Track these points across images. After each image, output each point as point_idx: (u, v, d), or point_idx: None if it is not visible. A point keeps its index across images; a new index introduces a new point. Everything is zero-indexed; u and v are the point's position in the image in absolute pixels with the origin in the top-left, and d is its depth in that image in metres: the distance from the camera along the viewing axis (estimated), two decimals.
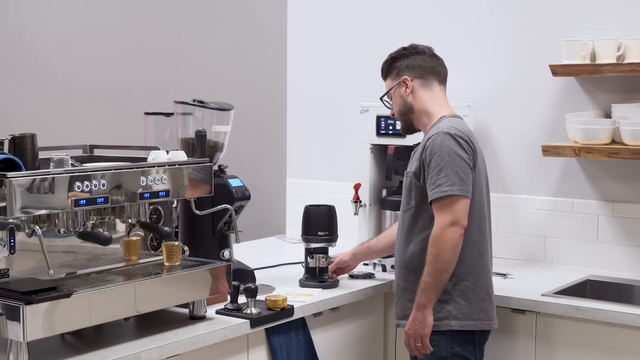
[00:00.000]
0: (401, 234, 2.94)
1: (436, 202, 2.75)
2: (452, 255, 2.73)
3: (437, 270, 2.73)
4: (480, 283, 2.84)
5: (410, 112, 2.96)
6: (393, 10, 4.11)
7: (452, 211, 2.73)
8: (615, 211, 3.56)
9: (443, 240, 2.72)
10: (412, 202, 2.88)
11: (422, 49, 2.98)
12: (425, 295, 2.76)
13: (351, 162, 4.01)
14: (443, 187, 2.73)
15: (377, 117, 3.64)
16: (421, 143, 2.89)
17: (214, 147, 3.11)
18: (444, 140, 2.77)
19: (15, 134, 2.49)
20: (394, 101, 3.01)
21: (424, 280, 2.76)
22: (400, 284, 2.93)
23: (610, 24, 3.49)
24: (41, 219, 2.43)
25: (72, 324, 2.36)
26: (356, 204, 3.68)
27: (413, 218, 2.87)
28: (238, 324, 2.75)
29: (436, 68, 2.96)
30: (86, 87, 5.41)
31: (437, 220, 2.75)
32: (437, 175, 2.75)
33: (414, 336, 2.80)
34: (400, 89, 2.96)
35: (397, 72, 2.98)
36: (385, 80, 3.04)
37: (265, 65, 4.57)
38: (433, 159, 2.77)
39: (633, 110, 3.35)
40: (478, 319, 2.83)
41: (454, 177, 2.73)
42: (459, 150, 2.77)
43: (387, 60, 3.03)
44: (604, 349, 2.97)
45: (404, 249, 2.91)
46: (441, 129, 2.80)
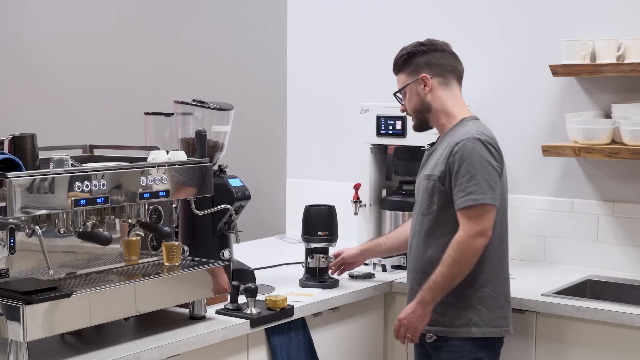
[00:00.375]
0: (418, 237, 2.88)
1: (465, 210, 2.71)
2: (470, 264, 2.71)
3: (452, 273, 2.71)
4: (500, 290, 2.82)
5: (427, 110, 2.89)
6: (393, 10, 4.10)
7: (480, 221, 2.69)
8: (615, 211, 3.56)
9: (467, 248, 2.69)
10: (433, 207, 2.81)
11: (442, 46, 2.91)
12: (432, 294, 2.74)
13: (351, 162, 4.01)
14: (474, 196, 2.69)
15: (377, 117, 3.64)
16: (446, 146, 2.80)
17: (214, 147, 3.11)
18: (475, 146, 2.72)
19: (15, 134, 2.49)
20: (408, 97, 2.92)
21: (434, 280, 2.73)
22: (414, 287, 2.87)
23: (610, 24, 3.49)
24: (41, 219, 2.43)
25: (72, 324, 2.36)
26: (356, 204, 3.68)
27: (434, 222, 2.82)
28: (238, 324, 2.75)
29: (455, 66, 2.91)
30: (86, 87, 5.41)
31: (464, 227, 2.71)
32: (468, 182, 2.70)
33: (407, 326, 2.79)
34: (418, 86, 2.88)
35: (414, 69, 2.89)
36: (399, 75, 2.95)
37: (265, 65, 4.57)
38: (463, 165, 2.72)
39: (633, 110, 3.35)
40: (498, 326, 2.80)
41: (485, 186, 2.70)
42: (490, 157, 2.73)
43: (403, 54, 2.92)
44: (604, 349, 2.97)
45: (422, 252, 2.85)
46: (470, 134, 2.75)
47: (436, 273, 2.73)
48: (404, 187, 3.68)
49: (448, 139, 2.83)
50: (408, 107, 2.94)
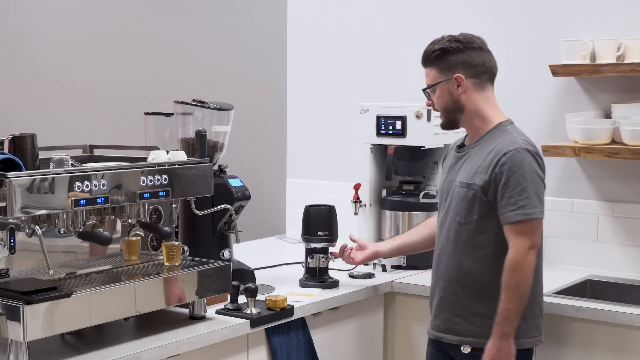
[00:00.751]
0: (453, 246, 2.76)
1: (516, 224, 2.62)
2: (531, 279, 2.63)
3: (521, 295, 2.62)
4: (535, 300, 2.74)
5: (459, 111, 2.78)
6: (393, 10, 4.11)
7: (532, 235, 2.62)
8: (615, 211, 3.56)
9: (525, 265, 2.61)
10: (473, 216, 2.71)
11: (479, 45, 2.77)
12: (510, 323, 2.62)
13: (351, 162, 4.01)
14: (527, 210, 2.60)
15: (377, 117, 3.64)
16: (488, 154, 2.70)
17: (214, 147, 3.11)
18: (524, 158, 2.64)
19: (15, 134, 2.49)
20: (439, 95, 2.79)
21: (506, 309, 2.61)
22: (446, 296, 2.78)
23: (610, 24, 3.49)
24: (41, 219, 2.43)
25: (72, 324, 2.36)
26: (356, 204, 3.67)
27: (473, 233, 2.72)
28: (238, 324, 2.75)
29: (490, 66, 2.79)
30: (86, 87, 5.41)
31: (516, 243, 2.62)
32: (519, 195, 2.61)
33: None
34: (450, 85, 2.75)
35: (447, 66, 2.75)
36: (429, 69, 2.81)
37: (265, 65, 4.57)
38: (513, 177, 2.62)
39: (633, 110, 3.35)
40: (533, 336, 2.74)
41: (536, 199, 2.62)
42: (538, 169, 2.66)
43: (436, 49, 2.77)
44: (604, 349, 2.97)
45: (457, 262, 2.75)
46: (518, 144, 2.66)
47: (504, 301, 2.62)
48: (404, 187, 3.67)
49: (487, 145, 2.73)
50: (438, 104, 2.82)
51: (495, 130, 2.76)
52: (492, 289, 2.67)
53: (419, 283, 3.34)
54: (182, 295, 2.68)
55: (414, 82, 4.01)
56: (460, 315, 2.75)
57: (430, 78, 2.81)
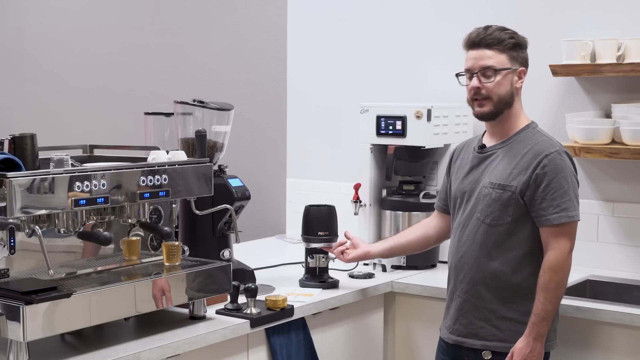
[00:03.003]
0: (480, 248, 2.73)
1: (558, 227, 2.63)
2: (567, 281, 2.67)
3: (558, 297, 2.64)
4: None
5: (508, 104, 2.74)
6: (393, 10, 4.10)
7: (572, 237, 2.66)
8: (615, 211, 3.56)
9: (566, 267, 2.63)
10: (507, 218, 2.68)
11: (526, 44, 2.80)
12: (547, 324, 2.64)
13: (351, 162, 4.01)
14: (570, 212, 2.63)
15: (377, 117, 3.64)
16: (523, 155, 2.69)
17: (214, 147, 3.11)
18: (564, 161, 2.67)
19: (15, 134, 2.49)
20: (500, 82, 2.72)
21: (544, 309, 2.62)
22: (469, 299, 2.75)
23: (610, 24, 3.49)
24: (41, 219, 2.43)
25: (72, 324, 2.36)
26: (356, 204, 3.68)
27: (504, 235, 2.70)
28: (238, 324, 2.75)
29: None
30: (86, 87, 5.41)
31: (558, 245, 2.63)
32: (562, 198, 2.63)
33: None
34: (514, 76, 2.74)
35: (517, 57, 2.75)
36: (495, 52, 2.72)
37: (265, 66, 4.57)
38: (554, 179, 2.63)
39: (633, 110, 3.35)
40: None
41: (576, 202, 2.66)
42: (575, 173, 2.70)
43: (509, 37, 2.74)
44: (604, 349, 2.97)
45: (484, 264, 2.72)
46: (556, 147, 2.69)
47: (542, 301, 2.62)
48: (404, 187, 3.68)
49: (519, 145, 2.72)
50: (495, 90, 2.72)
51: (525, 131, 2.76)
52: (518, 291, 2.68)
53: (419, 283, 3.34)
54: (182, 295, 2.68)
55: (414, 82, 4.03)
56: (484, 319, 2.73)
57: (497, 61, 2.72)
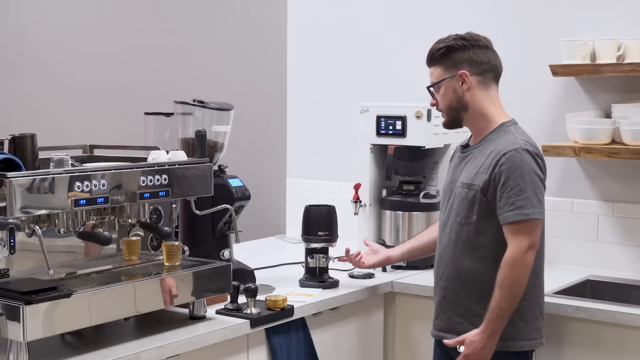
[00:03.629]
0: (454, 246, 2.77)
1: (514, 224, 2.62)
2: (527, 279, 2.64)
3: (514, 294, 2.63)
4: (536, 302, 2.75)
5: (462, 109, 2.77)
6: (393, 10, 4.10)
7: (531, 235, 2.63)
8: (615, 211, 3.56)
9: (523, 265, 2.62)
10: (473, 217, 2.72)
11: (484, 42, 2.79)
12: (501, 321, 2.63)
13: (351, 162, 4.01)
14: (525, 210, 2.61)
15: (377, 117, 3.64)
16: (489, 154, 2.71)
17: (214, 147, 3.11)
18: (524, 158, 2.64)
19: (15, 134, 2.49)
20: (443, 93, 2.79)
21: (499, 306, 2.62)
22: (447, 296, 2.80)
23: (610, 24, 3.49)
24: (41, 219, 2.43)
25: (72, 324, 2.36)
26: (356, 204, 3.67)
27: (473, 233, 2.73)
28: (238, 324, 2.75)
29: (495, 65, 2.80)
30: (86, 87, 5.41)
31: (515, 243, 2.62)
32: (517, 196, 2.61)
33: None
34: (455, 82, 2.76)
35: (453, 64, 2.76)
36: (434, 68, 2.81)
37: (265, 66, 4.57)
38: (511, 177, 2.63)
39: (633, 110, 3.35)
40: (533, 339, 2.74)
41: (535, 200, 2.62)
42: (537, 169, 2.66)
43: (441, 47, 2.78)
44: (604, 349, 2.97)
45: (458, 262, 2.76)
46: (518, 144, 2.66)
47: (497, 299, 2.62)
48: (404, 187, 3.68)
49: (489, 145, 2.73)
50: (442, 102, 2.81)
51: (497, 131, 2.76)
52: (492, 289, 2.66)
53: (419, 283, 3.34)
54: (182, 295, 2.68)
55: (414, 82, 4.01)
56: (461, 316, 2.76)
57: (435, 76, 2.81)
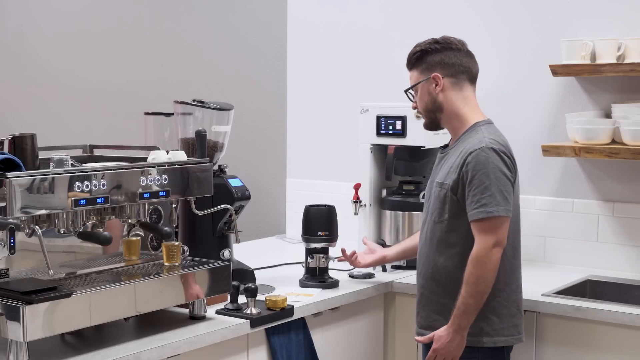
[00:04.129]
0: (429, 244, 2.84)
1: (479, 222, 2.67)
2: (493, 276, 2.68)
3: (479, 291, 2.67)
4: (512, 298, 2.79)
5: (438, 111, 2.84)
6: (393, 10, 4.10)
7: (496, 232, 2.66)
8: (615, 211, 3.56)
9: (487, 262, 2.65)
10: (445, 215, 2.78)
11: (457, 45, 2.85)
12: (467, 317, 2.68)
13: (351, 162, 4.01)
14: (489, 208, 2.65)
15: (377, 117, 3.64)
16: (459, 154, 2.76)
17: (214, 147, 3.11)
18: (489, 156, 2.68)
19: (15, 134, 2.49)
20: (419, 96, 2.88)
21: (465, 303, 2.67)
22: (425, 294, 2.86)
23: (610, 24, 3.49)
24: (41, 219, 2.43)
25: (72, 324, 2.36)
26: (356, 204, 3.67)
27: (445, 231, 2.79)
28: (238, 324, 2.75)
29: (469, 67, 2.85)
30: (86, 87, 5.41)
31: (480, 240, 2.67)
32: (482, 194, 2.66)
33: (444, 356, 2.73)
34: (429, 85, 2.83)
35: (427, 67, 2.84)
36: (411, 71, 2.90)
37: (265, 66, 4.57)
38: (476, 175, 2.67)
39: (633, 110, 3.35)
40: (509, 335, 2.78)
41: (499, 197, 2.66)
42: (503, 167, 2.69)
43: (416, 51, 2.87)
44: (604, 349, 2.97)
45: (433, 260, 2.82)
46: (484, 143, 2.70)
47: (464, 295, 2.67)
48: (404, 187, 3.67)
49: (461, 145, 2.78)
50: (419, 105, 2.89)
51: (470, 131, 2.81)
52: None
53: None
54: (182, 295, 2.68)
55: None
56: (438, 312, 2.81)
57: (413, 79, 2.91)
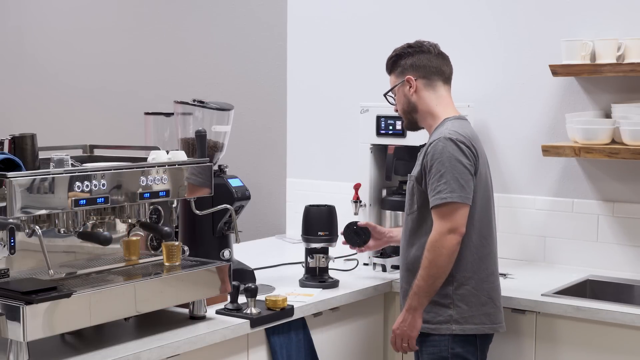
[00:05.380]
0: (404, 237, 2.95)
1: (436, 209, 2.76)
2: (447, 262, 2.75)
3: (431, 275, 2.75)
4: (482, 287, 2.84)
5: (414, 111, 2.96)
6: (393, 10, 4.10)
7: (450, 219, 2.73)
8: (615, 211, 3.56)
9: (440, 247, 2.73)
10: (414, 207, 2.89)
11: (428, 48, 2.96)
12: (418, 298, 2.79)
13: (351, 162, 4.01)
14: (443, 194, 2.73)
15: (377, 117, 3.64)
16: (424, 147, 2.88)
17: (214, 147, 3.11)
18: (445, 145, 2.76)
19: (15, 134, 2.49)
20: (397, 99, 3.00)
21: (417, 284, 2.79)
22: (403, 286, 2.95)
23: (610, 24, 3.49)
24: (41, 219, 2.43)
25: (72, 324, 2.36)
26: (356, 204, 3.67)
27: (416, 222, 2.88)
28: (238, 324, 2.75)
29: (441, 68, 2.95)
30: (86, 87, 5.41)
31: (435, 226, 2.76)
32: (438, 181, 2.75)
33: (401, 336, 2.84)
34: (404, 87, 2.95)
35: (401, 70, 2.97)
36: (390, 76, 3.03)
37: (265, 65, 4.57)
38: (434, 165, 2.77)
39: (633, 110, 3.35)
40: (480, 323, 2.83)
41: (454, 184, 2.73)
42: (460, 156, 2.76)
43: (392, 56, 3.01)
44: (604, 349, 2.97)
45: (407, 251, 2.92)
46: (442, 134, 2.80)
47: (417, 277, 2.79)
48: (404, 187, 3.66)
49: (428, 141, 2.88)
50: (398, 107, 3.02)
51: (439, 126, 2.90)
52: None
53: None
54: (182, 295, 2.68)
55: None
56: None
57: (390, 83, 3.04)
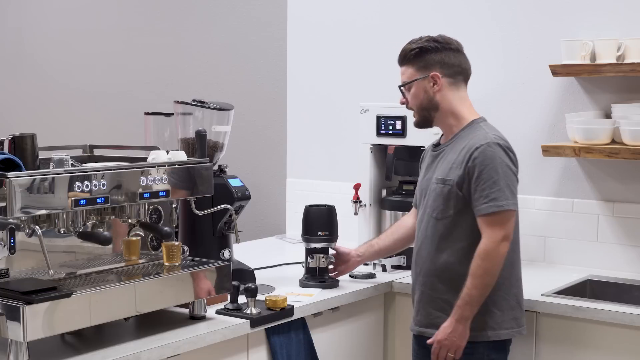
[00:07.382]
0: (430, 241, 2.85)
1: (488, 216, 2.70)
2: (499, 270, 2.72)
3: (485, 284, 2.70)
4: (511, 292, 2.82)
5: (433, 109, 2.85)
6: (393, 10, 4.10)
7: (505, 226, 2.70)
8: (615, 211, 3.56)
9: (496, 255, 2.69)
10: (449, 212, 2.79)
11: (456, 46, 2.86)
12: (470, 308, 2.72)
13: (351, 162, 4.01)
14: (499, 202, 2.69)
15: (377, 117, 3.64)
16: (461, 150, 2.78)
17: (214, 147, 3.11)
18: (496, 152, 2.72)
19: (15, 134, 2.49)
20: (414, 93, 2.86)
21: (469, 294, 2.70)
22: (425, 291, 2.87)
23: (610, 24, 3.50)
24: (41, 219, 2.43)
25: (72, 324, 2.36)
26: (356, 204, 3.68)
27: (449, 227, 2.80)
28: (238, 324, 2.75)
29: (465, 68, 2.88)
30: (86, 87, 5.41)
31: (489, 234, 2.70)
32: (491, 188, 2.69)
33: (448, 346, 2.75)
34: (426, 83, 2.83)
35: (425, 65, 2.83)
36: (405, 67, 2.88)
37: (265, 65, 4.57)
38: (484, 170, 2.70)
39: (633, 110, 3.35)
40: (510, 327, 2.82)
41: (508, 192, 2.70)
42: (510, 163, 2.73)
43: (414, 48, 2.84)
44: (604, 349, 2.97)
45: (435, 257, 2.83)
46: (489, 139, 2.74)
47: (469, 287, 2.70)
48: (404, 187, 3.68)
49: (461, 142, 2.80)
50: (412, 102, 2.88)
51: (468, 128, 2.84)
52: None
53: None
54: (182, 295, 2.68)
55: None
56: (440, 310, 2.82)
57: (407, 76, 2.88)
